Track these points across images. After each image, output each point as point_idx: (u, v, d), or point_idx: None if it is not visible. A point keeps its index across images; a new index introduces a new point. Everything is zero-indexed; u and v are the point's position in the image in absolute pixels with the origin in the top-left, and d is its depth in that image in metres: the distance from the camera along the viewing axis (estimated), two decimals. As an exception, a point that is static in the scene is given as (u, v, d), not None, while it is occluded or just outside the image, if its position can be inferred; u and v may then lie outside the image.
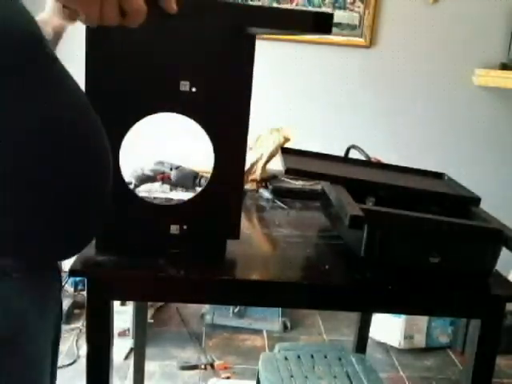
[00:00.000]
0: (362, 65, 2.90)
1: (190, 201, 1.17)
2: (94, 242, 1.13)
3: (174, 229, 1.15)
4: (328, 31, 0.87)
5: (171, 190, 1.62)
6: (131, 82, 1.07)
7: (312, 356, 1.76)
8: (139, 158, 1.66)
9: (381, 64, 2.90)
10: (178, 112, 1.09)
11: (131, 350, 2.39)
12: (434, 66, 2.91)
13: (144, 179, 1.60)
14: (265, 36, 2.72)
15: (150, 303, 2.53)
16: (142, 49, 1.06)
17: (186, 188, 1.53)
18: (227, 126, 1.12)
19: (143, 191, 1.54)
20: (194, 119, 1.10)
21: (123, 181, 1.12)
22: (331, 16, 0.88)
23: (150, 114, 1.08)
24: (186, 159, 1.70)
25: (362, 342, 2.01)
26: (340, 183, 1.32)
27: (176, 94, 1.08)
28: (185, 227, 1.15)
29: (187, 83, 1.08)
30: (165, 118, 1.14)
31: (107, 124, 1.06)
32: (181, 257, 1.15)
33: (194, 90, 1.08)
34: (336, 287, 1.15)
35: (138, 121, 1.08)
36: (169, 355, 2.51)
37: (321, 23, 0.86)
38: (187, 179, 1.58)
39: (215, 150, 1.13)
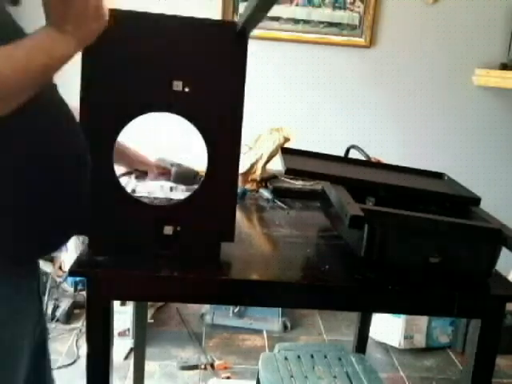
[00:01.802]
0: (361, 65, 2.90)
1: (183, 202, 1.17)
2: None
3: (168, 230, 1.14)
4: None
5: (171, 189, 1.62)
6: (124, 81, 1.07)
7: (312, 356, 1.76)
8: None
9: (381, 64, 2.90)
10: (171, 111, 1.09)
11: (131, 349, 2.39)
12: (434, 66, 2.91)
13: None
14: (265, 36, 2.72)
15: (150, 303, 2.53)
16: (135, 49, 1.06)
17: (187, 185, 1.52)
18: (220, 125, 1.12)
19: (143, 191, 1.54)
20: (188, 119, 1.10)
21: (117, 180, 1.12)
22: None
23: (144, 113, 1.09)
24: (180, 158, 1.70)
25: (362, 342, 2.01)
26: (340, 183, 1.32)
27: (169, 94, 1.08)
28: (178, 228, 1.14)
29: (180, 83, 1.08)
30: (160, 117, 1.14)
31: (101, 124, 1.06)
32: (180, 257, 1.15)
33: (186, 89, 1.09)
34: (336, 287, 1.15)
35: (131, 120, 1.08)
36: (169, 355, 2.51)
37: None
38: (188, 176, 1.57)
39: (209, 149, 1.13)
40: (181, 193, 1.61)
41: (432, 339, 2.72)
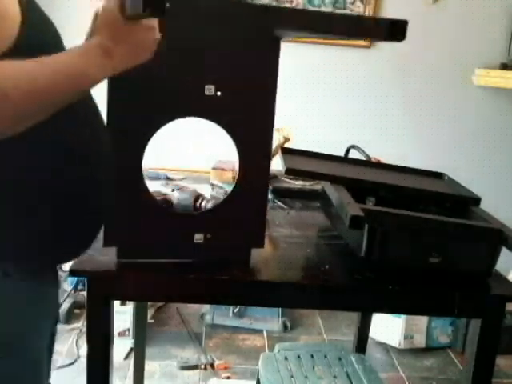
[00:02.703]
0: (362, 65, 2.89)
1: (214, 208, 1.15)
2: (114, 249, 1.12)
3: (198, 237, 1.13)
4: (402, 39, 0.90)
5: (172, 190, 1.62)
6: (156, 86, 1.04)
7: (312, 356, 1.76)
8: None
9: (381, 64, 2.90)
10: (203, 117, 1.07)
11: (131, 349, 2.38)
12: (434, 66, 2.91)
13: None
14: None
15: (150, 303, 2.52)
16: (166, 54, 1.03)
17: (187, 210, 1.48)
18: (252, 130, 1.10)
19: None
20: (220, 124, 1.09)
21: (146, 188, 1.09)
22: (406, 23, 0.90)
23: (176, 118, 1.06)
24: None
25: (362, 342, 2.01)
26: (340, 183, 1.32)
27: (201, 99, 1.06)
28: (208, 236, 1.13)
29: (212, 87, 1.06)
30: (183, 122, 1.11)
31: (131, 130, 1.03)
32: (209, 263, 1.14)
33: (218, 94, 1.07)
34: (336, 287, 1.15)
35: (162, 126, 1.06)
36: (169, 355, 2.50)
37: (396, 31, 0.89)
38: (187, 201, 1.55)
39: (240, 155, 1.11)
40: (181, 192, 1.61)
41: (432, 339, 2.72)
